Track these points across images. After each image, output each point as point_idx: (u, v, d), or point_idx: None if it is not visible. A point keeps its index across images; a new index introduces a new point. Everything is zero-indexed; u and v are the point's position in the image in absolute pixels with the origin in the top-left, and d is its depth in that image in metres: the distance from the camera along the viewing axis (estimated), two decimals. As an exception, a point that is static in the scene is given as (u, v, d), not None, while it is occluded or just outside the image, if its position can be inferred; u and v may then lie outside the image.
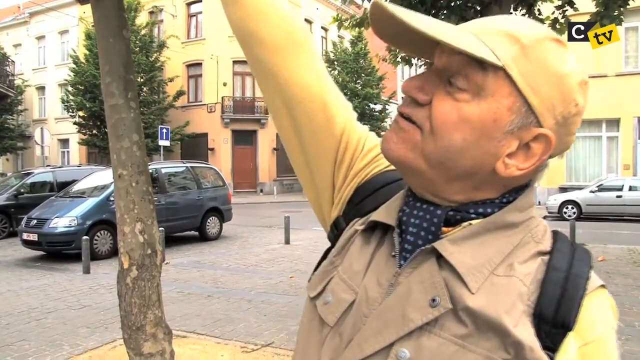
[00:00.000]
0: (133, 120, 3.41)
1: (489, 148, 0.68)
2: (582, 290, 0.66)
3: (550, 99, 0.67)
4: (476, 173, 0.70)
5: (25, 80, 32.64)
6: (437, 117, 0.68)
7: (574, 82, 0.68)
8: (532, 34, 0.68)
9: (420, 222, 0.74)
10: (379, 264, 0.76)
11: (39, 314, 6.27)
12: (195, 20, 29.64)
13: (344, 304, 0.75)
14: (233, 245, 11.93)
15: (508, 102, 0.67)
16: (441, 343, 0.65)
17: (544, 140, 0.68)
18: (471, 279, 0.67)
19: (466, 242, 0.69)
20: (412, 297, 0.69)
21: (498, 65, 0.65)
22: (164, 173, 12.18)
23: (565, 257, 0.69)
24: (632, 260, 9.30)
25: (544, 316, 0.65)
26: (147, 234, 3.44)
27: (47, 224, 10.06)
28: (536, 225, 0.73)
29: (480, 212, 0.72)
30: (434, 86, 0.70)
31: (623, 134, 19.12)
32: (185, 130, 26.65)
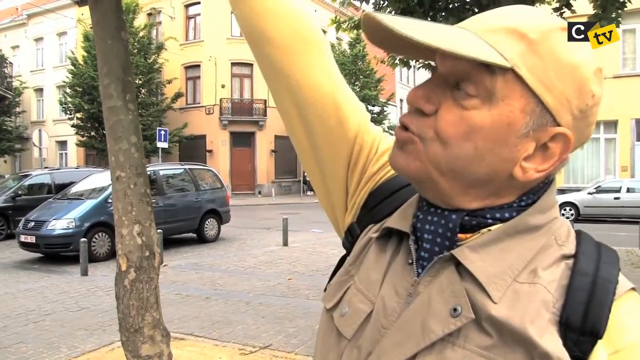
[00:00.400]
0: (131, 122, 3.40)
1: (504, 154, 0.64)
2: (611, 295, 0.62)
3: (565, 94, 0.64)
4: (492, 180, 0.66)
5: (23, 82, 32.59)
6: (445, 128, 0.64)
7: (588, 71, 0.65)
8: (540, 26, 0.63)
9: (436, 228, 0.71)
10: (396, 272, 0.73)
11: (36, 316, 6.26)
12: (194, 22, 29.65)
13: (362, 316, 0.72)
14: (231, 247, 11.91)
15: (521, 104, 0.63)
16: (465, 355, 0.62)
17: (562, 139, 0.65)
18: (493, 287, 0.63)
19: (486, 249, 0.66)
20: (432, 307, 0.66)
21: (506, 66, 0.61)
22: (162, 175, 12.16)
23: (592, 260, 0.65)
24: (630, 262, 9.31)
25: (571, 324, 0.61)
26: (145, 236, 3.44)
27: (45, 226, 10.04)
28: (559, 227, 0.69)
29: (498, 217, 0.68)
30: (440, 94, 0.66)
31: (621, 136, 19.15)
32: (183, 132, 26.64)
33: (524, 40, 0.62)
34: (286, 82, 0.85)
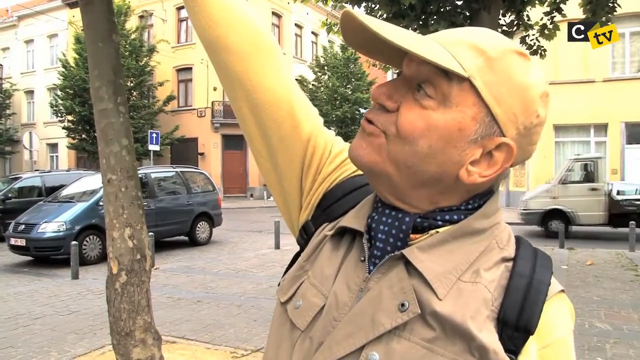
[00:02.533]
0: (122, 125, 3.40)
1: (453, 155, 0.70)
2: (543, 296, 0.69)
3: (513, 110, 0.69)
4: (441, 179, 0.72)
5: (13, 84, 32.40)
6: (404, 124, 0.70)
7: (536, 93, 0.70)
8: (498, 46, 0.70)
9: (389, 229, 0.75)
10: (349, 269, 0.77)
11: (26, 320, 6.21)
12: (186, 25, 29.57)
13: (315, 309, 0.77)
14: (223, 250, 11.89)
15: (472, 112, 0.69)
16: (410, 347, 0.67)
17: (506, 150, 0.70)
18: (439, 285, 0.69)
19: (434, 250, 0.71)
20: (382, 302, 0.71)
21: (464, 76, 0.67)
22: (154, 178, 12.13)
23: (529, 263, 0.72)
24: (620, 264, 9.38)
25: (507, 321, 0.68)
26: (137, 239, 3.43)
27: (35, 229, 9.97)
28: (501, 232, 0.75)
29: (447, 219, 0.74)
30: (402, 93, 0.72)
31: (611, 139, 19.29)
32: (175, 135, 26.57)
33: (483, 56, 0.68)
34: (242, 87, 0.89)
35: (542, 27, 7.72)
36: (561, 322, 0.71)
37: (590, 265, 9.20)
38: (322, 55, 30.18)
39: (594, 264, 9.30)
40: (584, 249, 10.98)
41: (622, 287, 7.48)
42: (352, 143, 0.76)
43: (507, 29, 7.68)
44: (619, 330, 5.51)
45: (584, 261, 9.57)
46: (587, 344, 5.07)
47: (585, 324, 5.75)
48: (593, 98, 18.72)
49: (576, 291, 7.26)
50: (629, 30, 18.56)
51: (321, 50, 31.23)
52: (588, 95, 18.81)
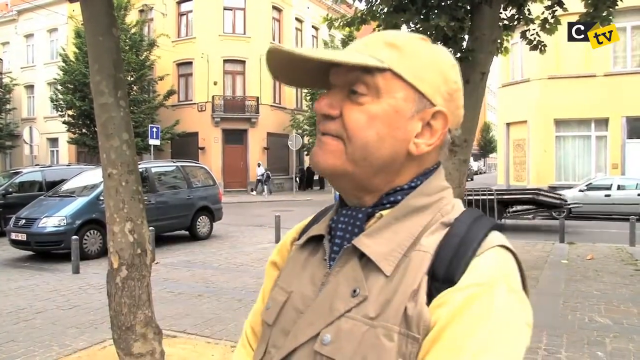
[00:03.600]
0: (123, 119, 3.39)
1: (399, 135, 0.79)
2: (471, 251, 0.74)
3: (434, 82, 0.81)
4: (394, 159, 0.81)
5: (13, 79, 32.35)
6: (350, 122, 0.79)
7: (447, 65, 0.83)
8: (404, 38, 0.83)
9: (346, 226, 0.85)
10: (313, 267, 0.87)
11: (27, 314, 6.22)
12: (186, 19, 29.51)
13: (279, 304, 0.87)
14: (223, 245, 11.90)
15: (402, 95, 0.79)
16: (354, 324, 0.75)
17: (441, 116, 0.81)
18: (385, 263, 0.77)
19: (380, 233, 0.80)
20: (338, 291, 0.79)
21: (384, 67, 0.78)
22: (154, 172, 12.13)
23: (464, 225, 0.78)
24: (620, 258, 9.38)
25: (436, 275, 0.73)
26: (137, 233, 3.43)
27: (36, 224, 9.98)
28: (445, 204, 0.83)
29: (392, 200, 0.83)
30: (340, 100, 0.81)
31: (611, 134, 19.27)
32: (175, 129, 26.55)
33: (395, 48, 0.80)
34: None
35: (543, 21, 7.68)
36: (482, 269, 0.72)
37: (590, 259, 9.20)
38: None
39: (594, 258, 9.31)
40: (584, 243, 10.98)
41: (622, 282, 7.49)
42: (312, 153, 0.84)
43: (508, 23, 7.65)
44: (619, 325, 5.51)
45: (584, 255, 9.57)
46: (587, 338, 5.08)
47: (585, 318, 5.75)
48: (594, 92, 18.68)
49: (576, 285, 7.27)
50: (630, 24, 18.51)
51: (322, 45, 31.17)
52: (589, 89, 18.78)
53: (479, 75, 6.80)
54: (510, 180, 22.18)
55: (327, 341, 0.76)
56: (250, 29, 28.85)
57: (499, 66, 22.27)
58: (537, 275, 7.93)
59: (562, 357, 4.64)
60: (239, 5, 28.79)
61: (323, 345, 0.76)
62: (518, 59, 21.09)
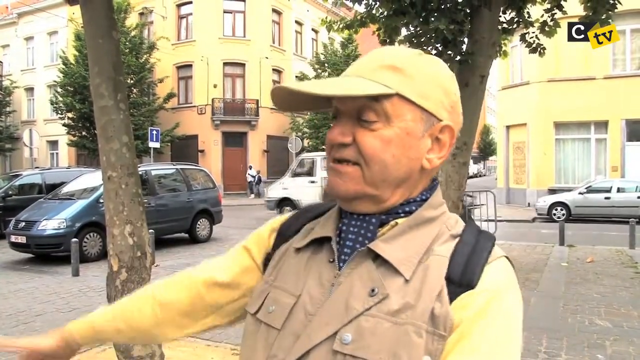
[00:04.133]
0: (122, 122, 3.39)
1: (412, 154, 0.84)
2: (484, 259, 0.81)
3: (438, 98, 0.85)
4: (410, 176, 0.86)
5: (13, 81, 32.32)
6: (366, 148, 0.82)
7: (446, 77, 0.88)
8: (405, 58, 0.85)
9: (359, 230, 0.88)
10: (319, 269, 0.88)
11: (27, 316, 6.22)
12: (186, 22, 29.55)
13: (287, 308, 0.87)
14: (223, 247, 11.87)
15: (411, 116, 0.83)
16: (376, 322, 0.77)
17: (447, 130, 0.87)
18: (404, 268, 0.81)
19: (395, 240, 0.84)
20: (353, 291, 0.81)
21: (391, 93, 0.81)
22: (154, 175, 12.12)
23: (473, 236, 0.85)
24: (620, 261, 9.38)
25: (452, 279, 0.79)
26: (137, 236, 3.43)
27: (36, 226, 9.98)
28: (449, 218, 0.89)
29: (407, 210, 0.88)
30: (350, 127, 0.84)
31: (611, 136, 19.27)
32: (175, 132, 26.54)
33: (397, 71, 0.83)
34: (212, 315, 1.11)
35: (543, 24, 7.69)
36: (495, 276, 0.80)
37: (590, 262, 9.20)
38: (322, 52, 30.15)
39: (594, 261, 9.30)
40: (584, 246, 10.98)
41: (622, 285, 7.49)
42: (331, 184, 0.87)
43: (508, 26, 7.66)
44: (619, 328, 5.51)
45: (584, 258, 9.57)
46: (587, 341, 5.07)
47: (585, 321, 5.75)
48: (593, 95, 18.69)
49: (576, 288, 7.26)
50: (629, 27, 18.52)
51: (321, 47, 31.19)
52: (588, 92, 18.79)
53: (478, 78, 6.81)
54: (510, 183, 22.18)
55: (348, 340, 0.78)
56: (250, 32, 28.87)
57: (498, 69, 22.28)
58: (537, 277, 7.92)
59: (562, 360, 4.63)
60: (239, 9, 28.82)
61: (344, 345, 0.78)
62: (517, 62, 21.10)
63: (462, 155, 6.93)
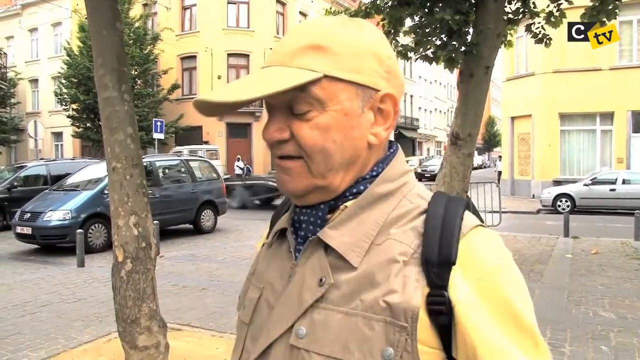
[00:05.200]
0: (127, 113, 3.39)
1: (355, 134, 0.78)
2: (457, 228, 0.75)
3: (371, 67, 0.78)
4: (358, 155, 0.80)
5: (18, 73, 32.33)
6: (306, 142, 0.76)
7: (376, 42, 0.80)
8: (327, 33, 0.77)
9: (309, 218, 0.83)
10: (280, 260, 0.87)
11: (33, 307, 6.26)
12: (190, 13, 29.46)
13: (253, 302, 0.87)
14: (228, 239, 11.93)
15: (345, 95, 0.76)
16: (327, 314, 0.75)
17: (388, 98, 0.80)
18: (352, 255, 0.76)
19: (345, 225, 0.79)
20: (305, 282, 0.79)
21: (318, 77, 0.74)
22: (159, 166, 12.15)
23: (441, 206, 0.78)
24: (625, 253, 9.36)
25: (430, 260, 0.73)
26: (142, 227, 3.44)
27: (41, 217, 10.02)
28: (410, 189, 0.82)
29: (355, 191, 0.81)
30: (285, 121, 0.78)
31: (617, 128, 19.16)
32: (179, 123, 26.54)
33: (321, 50, 0.76)
34: None
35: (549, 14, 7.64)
36: (489, 252, 0.75)
37: (594, 254, 9.19)
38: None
39: (599, 252, 9.29)
40: (588, 237, 10.96)
41: (627, 276, 7.48)
42: (279, 181, 0.82)
43: (513, 17, 7.61)
44: (624, 319, 5.51)
45: (588, 250, 9.56)
46: (591, 333, 5.07)
47: (590, 313, 5.75)
48: (599, 86, 18.57)
49: (580, 280, 7.26)
50: (636, 17, 18.38)
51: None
52: (594, 83, 18.67)
53: (483, 69, 6.78)
54: (515, 174, 22.12)
55: (302, 334, 0.76)
56: (254, 22, 28.78)
57: (503, 60, 22.15)
58: (541, 269, 7.92)
59: (566, 352, 4.64)
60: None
61: (299, 339, 0.76)
62: (523, 53, 20.99)
63: (467, 147, 6.92)
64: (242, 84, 0.78)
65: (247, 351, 0.85)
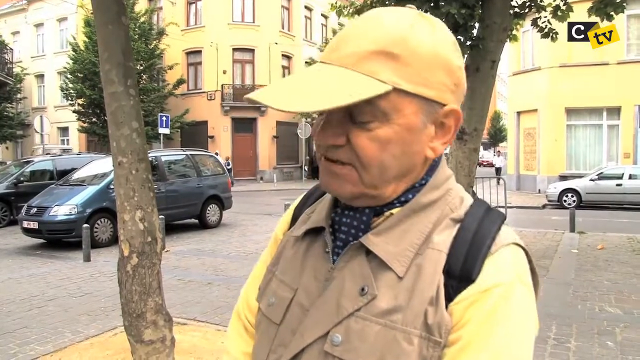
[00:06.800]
0: (132, 108, 3.39)
1: (414, 148, 0.75)
2: (486, 247, 0.72)
3: (440, 81, 0.73)
4: (414, 168, 0.77)
5: (24, 68, 32.48)
6: (363, 152, 0.73)
7: (448, 51, 0.74)
8: (398, 36, 0.71)
9: (351, 221, 0.81)
10: (315, 261, 0.84)
11: (40, 301, 6.30)
12: (195, 8, 29.45)
13: (286, 302, 0.84)
14: (233, 233, 11.95)
15: (411, 109, 0.72)
16: (365, 324, 0.73)
17: (452, 114, 0.76)
18: (397, 264, 0.74)
19: (389, 232, 0.77)
20: (345, 289, 0.76)
21: (388, 90, 0.69)
22: (164, 161, 12.17)
23: (476, 220, 0.75)
24: (631, 248, 9.32)
25: (452, 272, 0.72)
26: (147, 221, 3.44)
27: (48, 212, 10.07)
28: (453, 197, 0.80)
29: (403, 200, 0.79)
30: (344, 127, 0.74)
31: (624, 122, 19.06)
32: (185, 118, 26.59)
33: (392, 59, 0.70)
34: None
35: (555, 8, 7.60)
36: (502, 268, 0.71)
37: (601, 249, 9.16)
38: (332, 37, 29.91)
39: (605, 248, 9.26)
40: (594, 233, 10.92)
41: (633, 272, 7.45)
42: (323, 182, 0.79)
43: (519, 11, 7.57)
44: (630, 315, 5.49)
45: (594, 245, 9.52)
46: (597, 328, 5.06)
47: (596, 308, 5.74)
48: (606, 81, 18.45)
49: (586, 275, 7.24)
50: (644, 11, 18.25)
51: (331, 33, 31.00)
52: (601, 77, 18.56)
53: (489, 63, 6.75)
54: (521, 169, 22.05)
55: (337, 342, 0.74)
56: (260, 17, 28.74)
57: (509, 54, 22.04)
58: (547, 264, 7.90)
59: (572, 347, 4.63)
60: (248, -6, 28.69)
61: (334, 346, 0.74)
62: (529, 47, 20.88)
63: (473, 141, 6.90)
64: (303, 88, 0.71)
65: (275, 352, 0.82)
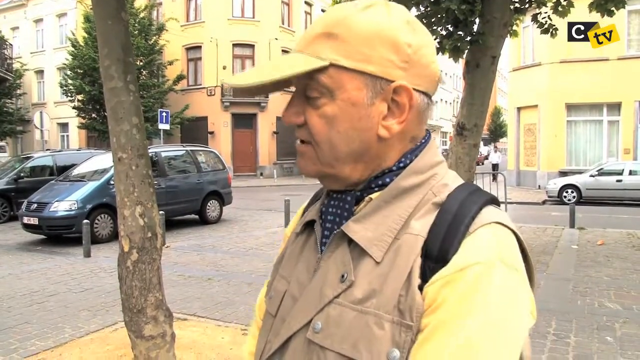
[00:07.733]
0: (132, 104, 3.39)
1: (362, 125, 0.76)
2: (464, 226, 0.70)
3: (383, 56, 0.74)
4: (368, 148, 0.77)
5: (23, 64, 32.41)
6: (314, 130, 0.77)
7: (395, 29, 0.75)
8: (337, 19, 0.76)
9: (336, 210, 0.83)
10: (308, 253, 0.86)
11: (40, 297, 6.31)
12: (195, 3, 29.38)
13: (280, 294, 0.87)
14: (233, 229, 11.96)
15: (353, 85, 0.75)
16: (342, 310, 0.73)
17: (403, 90, 0.75)
18: (374, 249, 0.74)
19: (369, 218, 0.77)
20: (327, 277, 0.78)
21: (324, 65, 0.74)
22: (164, 157, 12.16)
23: (457, 201, 0.74)
24: (631, 244, 9.33)
25: (430, 254, 0.70)
26: (147, 217, 3.45)
27: (48, 208, 10.07)
28: (438, 181, 0.78)
29: (380, 184, 0.79)
30: (302, 106, 0.79)
31: (624, 118, 19.04)
32: (184, 114, 26.56)
33: (332, 38, 0.75)
34: None
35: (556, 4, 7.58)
36: (481, 246, 0.68)
37: (600, 245, 9.16)
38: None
39: (605, 244, 9.26)
40: (594, 228, 10.93)
41: (633, 267, 7.45)
42: (297, 161, 0.83)
43: (520, 6, 7.56)
44: (629, 310, 5.50)
45: (594, 241, 9.53)
46: (596, 324, 5.07)
47: (595, 304, 5.74)
48: (606, 76, 18.43)
49: (586, 271, 7.24)
50: (645, 6, 18.21)
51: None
52: (601, 73, 18.53)
53: (489, 59, 6.75)
54: (521, 165, 22.05)
55: (318, 329, 0.75)
56: (260, 13, 28.68)
57: (509, 50, 22.01)
58: (547, 260, 7.91)
59: (572, 342, 4.64)
60: (248, -11, 28.63)
61: (315, 333, 0.75)
62: (529, 43, 20.85)
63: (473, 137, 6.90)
64: (260, 69, 0.78)
65: (270, 342, 0.85)
